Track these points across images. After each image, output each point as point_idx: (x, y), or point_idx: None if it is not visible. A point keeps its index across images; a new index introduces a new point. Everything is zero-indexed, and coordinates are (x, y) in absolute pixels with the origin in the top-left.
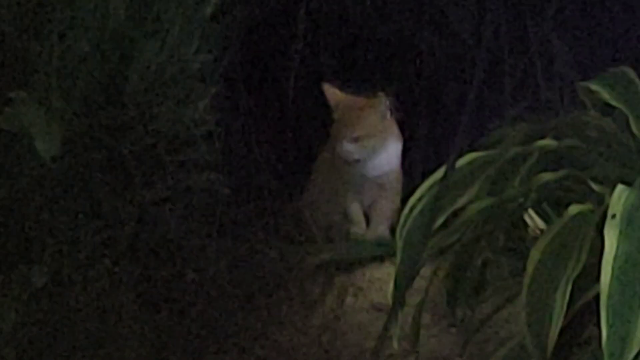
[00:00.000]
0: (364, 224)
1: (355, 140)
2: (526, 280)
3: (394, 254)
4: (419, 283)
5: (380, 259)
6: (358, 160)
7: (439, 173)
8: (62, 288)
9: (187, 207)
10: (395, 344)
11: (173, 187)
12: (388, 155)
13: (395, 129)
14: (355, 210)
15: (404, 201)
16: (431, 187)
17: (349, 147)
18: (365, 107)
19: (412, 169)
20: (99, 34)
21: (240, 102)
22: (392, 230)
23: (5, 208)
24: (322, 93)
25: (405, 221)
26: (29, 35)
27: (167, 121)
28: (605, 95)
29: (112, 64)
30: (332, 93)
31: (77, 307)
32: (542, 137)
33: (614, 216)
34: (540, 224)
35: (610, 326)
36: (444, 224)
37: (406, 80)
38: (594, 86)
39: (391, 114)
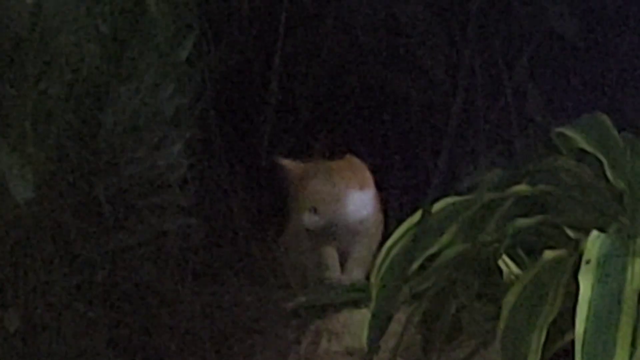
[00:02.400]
0: (338, 269)
1: (314, 210)
2: (501, 325)
3: (369, 299)
4: (394, 328)
5: (355, 304)
6: (324, 226)
7: (415, 218)
8: (35, 332)
9: (161, 251)
10: None
11: (147, 231)
12: (355, 206)
13: (355, 180)
14: (330, 254)
15: (379, 246)
16: (406, 232)
17: (311, 219)
18: (315, 174)
19: (388, 215)
20: (74, 78)
21: (215, 147)
22: (368, 276)
23: None
24: (297, 137)
25: (381, 266)
26: (3, 80)
27: (141, 166)
28: (580, 141)
29: (86, 108)
30: (287, 164)
31: (50, 351)
32: (517, 183)
33: (588, 262)
34: (515, 269)
35: None
36: (419, 269)
37: (381, 126)
38: (568, 132)
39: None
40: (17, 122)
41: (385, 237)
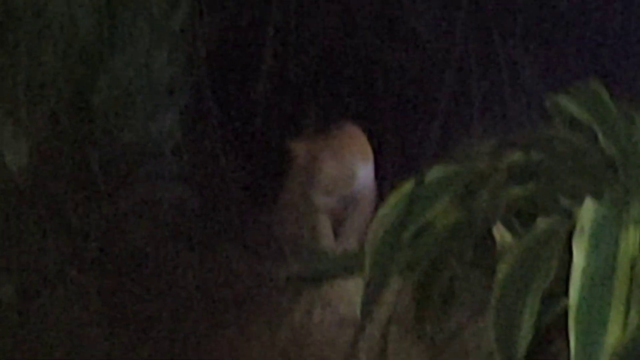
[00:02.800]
0: (332, 238)
1: (329, 193)
2: (494, 294)
3: (362, 268)
4: (387, 297)
5: (349, 273)
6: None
7: (408, 187)
8: (29, 300)
9: (154, 219)
10: (363, 358)
11: (140, 199)
12: (361, 180)
13: (360, 154)
14: (324, 223)
15: (373, 214)
16: (400, 201)
17: (325, 201)
18: (326, 156)
19: (381, 184)
20: (67, 47)
21: (209, 115)
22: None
23: None
24: (291, 105)
25: (374, 235)
26: None
27: (135, 134)
28: (574, 109)
29: (80, 76)
30: (294, 147)
31: (43, 319)
32: (511, 151)
33: (582, 230)
34: (509, 238)
35: (579, 340)
36: (413, 238)
37: (375, 95)
38: (562, 100)
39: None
40: (11, 90)
41: (379, 205)
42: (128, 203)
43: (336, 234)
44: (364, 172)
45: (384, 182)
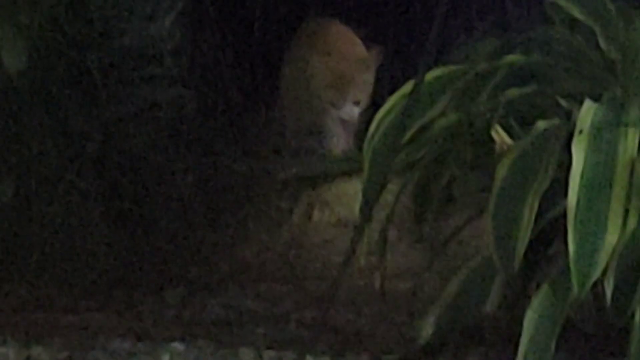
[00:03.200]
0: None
1: (357, 103)
2: (493, 195)
3: (361, 169)
4: (386, 198)
5: (348, 174)
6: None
7: (407, 88)
8: (28, 202)
9: (153, 122)
10: (362, 259)
11: (139, 102)
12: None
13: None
14: (331, 124)
15: (370, 118)
16: (399, 102)
17: (353, 111)
18: (364, 67)
19: (380, 85)
20: None
21: (207, 17)
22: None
23: None
24: (290, 6)
25: (373, 136)
26: None
27: (134, 36)
28: (573, 10)
29: None
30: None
31: (43, 221)
32: (510, 53)
33: (581, 131)
34: (508, 139)
35: (577, 242)
36: (412, 139)
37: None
38: (561, 1)
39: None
40: None
41: (377, 107)
42: (127, 106)
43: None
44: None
45: (383, 83)
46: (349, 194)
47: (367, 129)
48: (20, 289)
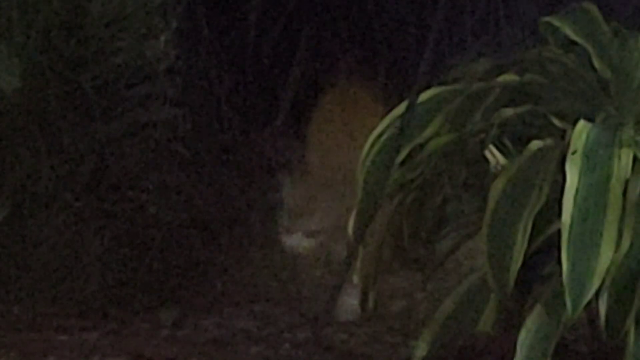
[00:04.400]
0: None
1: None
2: (487, 215)
3: (354, 190)
4: (380, 218)
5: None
6: None
7: (401, 108)
8: (23, 222)
9: (147, 141)
10: (355, 279)
11: (133, 121)
12: None
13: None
14: None
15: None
16: (392, 122)
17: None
18: None
19: (374, 105)
20: None
21: (202, 37)
22: None
23: None
24: (283, 26)
25: (367, 156)
26: None
27: (128, 55)
28: (567, 30)
29: None
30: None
31: (37, 241)
32: (504, 73)
33: (575, 152)
34: (502, 159)
35: (571, 262)
36: (406, 160)
37: (367, 15)
38: (555, 22)
39: None
40: (4, 11)
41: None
42: (121, 125)
43: None
44: None
45: (377, 104)
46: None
47: None
48: (14, 308)
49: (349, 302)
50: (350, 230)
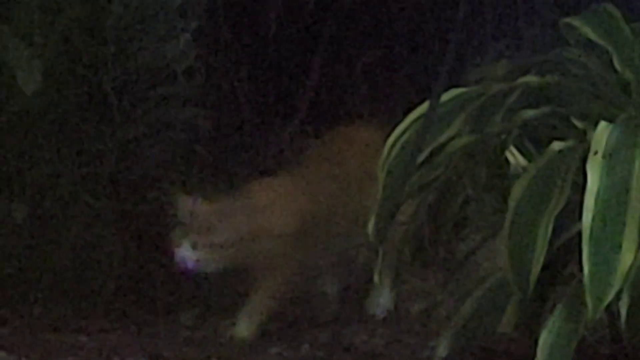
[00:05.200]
0: None
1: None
2: (508, 217)
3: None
4: (400, 219)
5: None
6: None
7: (422, 109)
8: (42, 223)
9: (167, 142)
10: (376, 279)
11: (153, 122)
12: None
13: None
14: None
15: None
16: (414, 123)
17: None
18: None
19: (395, 106)
20: None
21: (222, 37)
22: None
23: None
24: (303, 26)
25: (388, 156)
26: None
27: (148, 56)
28: (588, 31)
29: None
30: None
31: (57, 242)
32: (525, 74)
33: (596, 152)
34: (522, 161)
35: (591, 263)
36: (426, 160)
37: (388, 18)
38: (576, 23)
39: None
40: (25, 13)
41: (393, 127)
42: (141, 126)
43: None
44: None
45: (398, 104)
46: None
47: None
48: (34, 309)
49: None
50: (370, 230)
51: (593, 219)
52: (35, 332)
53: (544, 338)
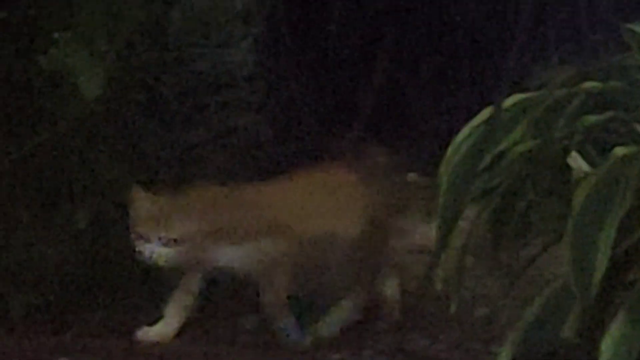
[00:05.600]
0: None
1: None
2: (571, 222)
3: (437, 196)
4: (463, 225)
5: (424, 201)
6: None
7: (485, 114)
8: (104, 229)
9: (228, 148)
10: (438, 286)
11: (215, 128)
12: None
13: None
14: None
15: (449, 143)
16: (476, 128)
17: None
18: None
19: (457, 110)
20: None
21: (283, 44)
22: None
23: (48, 149)
24: (364, 34)
25: (450, 161)
26: None
27: (209, 63)
28: None
29: (155, 5)
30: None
31: (119, 248)
32: (587, 80)
33: None
34: (585, 166)
35: None
36: (489, 166)
37: (451, 23)
38: (638, 28)
39: None
40: (88, 19)
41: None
42: (202, 131)
43: None
44: None
45: (460, 109)
46: (424, 221)
47: None
48: (97, 314)
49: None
50: (432, 236)
51: None
52: (97, 337)
53: (607, 344)
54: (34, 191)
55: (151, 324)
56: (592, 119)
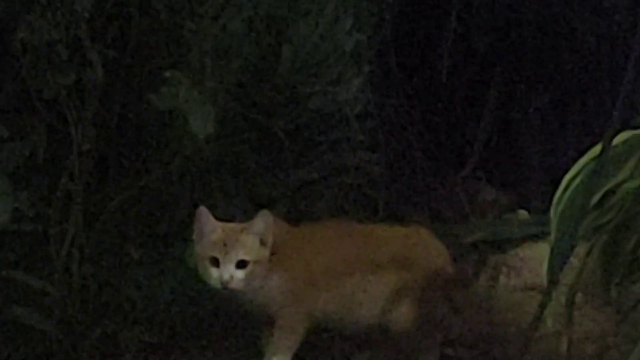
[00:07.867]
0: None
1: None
2: None
3: (547, 234)
4: (573, 262)
5: (534, 238)
6: None
7: (595, 151)
8: None
9: (340, 185)
10: (549, 323)
11: (326, 166)
12: None
13: None
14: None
15: (559, 181)
16: (586, 165)
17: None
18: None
19: (566, 149)
20: (253, 14)
21: (394, 81)
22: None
23: (159, 187)
24: (475, 73)
25: (561, 199)
26: (183, 16)
27: (320, 100)
28: None
29: (266, 43)
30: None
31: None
32: None
33: None
34: None
35: None
36: (599, 202)
37: (559, 62)
38: None
39: None
40: (198, 58)
41: (564, 170)
42: (313, 169)
43: None
44: None
45: (569, 147)
46: (535, 259)
47: None
48: (207, 353)
49: None
50: (543, 272)
51: None
52: None
53: None
54: (146, 229)
55: None
56: None
